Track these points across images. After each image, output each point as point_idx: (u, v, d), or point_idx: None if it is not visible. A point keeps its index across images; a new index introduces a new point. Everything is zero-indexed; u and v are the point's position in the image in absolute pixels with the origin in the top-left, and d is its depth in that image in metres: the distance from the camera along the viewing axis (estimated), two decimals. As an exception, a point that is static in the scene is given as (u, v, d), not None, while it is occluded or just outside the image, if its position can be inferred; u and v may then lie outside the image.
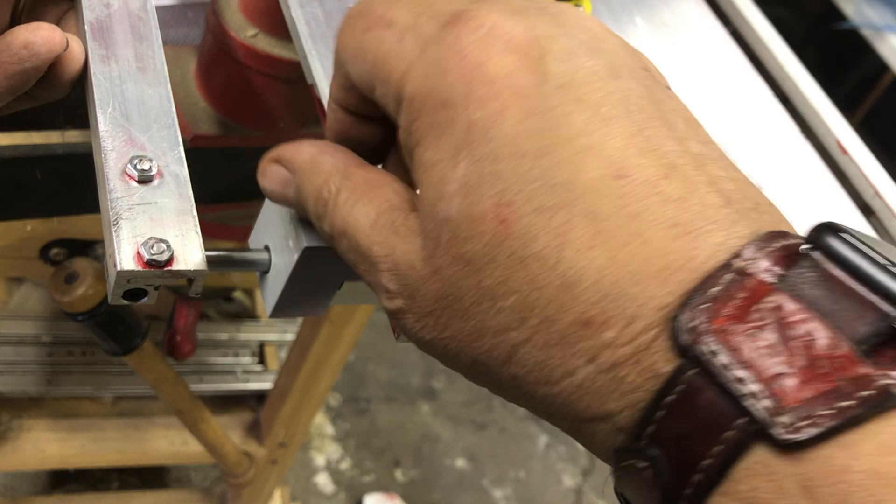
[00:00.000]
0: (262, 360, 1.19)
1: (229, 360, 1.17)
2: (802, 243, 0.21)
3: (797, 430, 0.18)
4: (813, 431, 0.18)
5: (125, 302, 0.29)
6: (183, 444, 1.10)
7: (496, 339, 0.22)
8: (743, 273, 0.20)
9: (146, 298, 0.29)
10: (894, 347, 0.19)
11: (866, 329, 0.19)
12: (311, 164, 0.27)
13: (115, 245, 0.28)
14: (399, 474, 1.60)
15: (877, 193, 0.54)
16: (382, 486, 1.56)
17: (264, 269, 0.34)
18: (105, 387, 1.09)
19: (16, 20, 0.36)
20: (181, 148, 0.32)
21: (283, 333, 1.21)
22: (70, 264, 0.76)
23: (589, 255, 0.21)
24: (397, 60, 0.24)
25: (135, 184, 0.30)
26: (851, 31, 0.95)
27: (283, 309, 0.33)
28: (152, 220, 0.29)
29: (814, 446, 0.18)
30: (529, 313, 0.22)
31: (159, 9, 0.38)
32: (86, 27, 0.35)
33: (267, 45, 0.56)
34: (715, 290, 0.20)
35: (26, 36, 0.32)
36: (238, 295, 1.24)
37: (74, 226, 0.79)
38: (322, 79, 0.39)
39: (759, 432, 0.18)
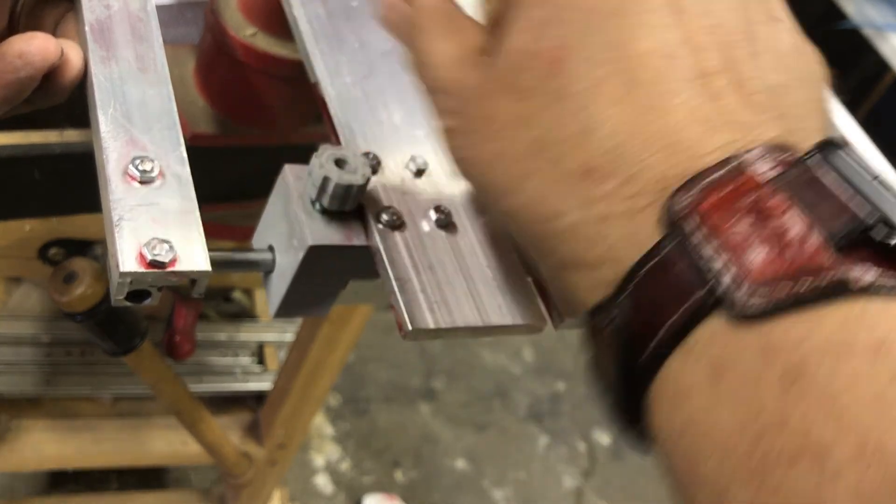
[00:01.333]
0: (261, 361, 1.19)
1: (228, 360, 1.17)
2: (808, 153, 0.23)
3: (753, 303, 0.20)
4: (767, 304, 0.20)
5: (128, 303, 0.29)
6: (182, 444, 1.10)
7: (510, 166, 0.25)
8: (740, 170, 0.22)
9: (149, 300, 0.29)
10: (863, 248, 0.21)
11: (840, 227, 0.21)
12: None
13: (118, 246, 0.28)
14: (399, 475, 1.59)
15: (879, 192, 0.54)
16: (382, 487, 1.56)
17: (268, 269, 0.33)
18: (104, 387, 1.09)
19: (14, 21, 0.36)
20: (183, 148, 0.32)
21: (282, 334, 1.21)
22: (69, 264, 0.75)
23: (611, 111, 0.23)
24: None
25: (137, 184, 0.30)
26: (852, 31, 0.95)
27: (288, 309, 0.33)
28: (154, 221, 0.29)
29: (771, 318, 0.20)
30: (545, 149, 0.24)
31: (158, 8, 0.38)
32: (86, 28, 0.35)
33: (266, 44, 0.56)
34: (711, 178, 0.22)
35: (21, 46, 0.32)
36: (237, 295, 1.24)
37: (73, 226, 0.79)
38: (325, 77, 0.39)
39: (718, 302, 0.21)
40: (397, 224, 0.33)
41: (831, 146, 0.22)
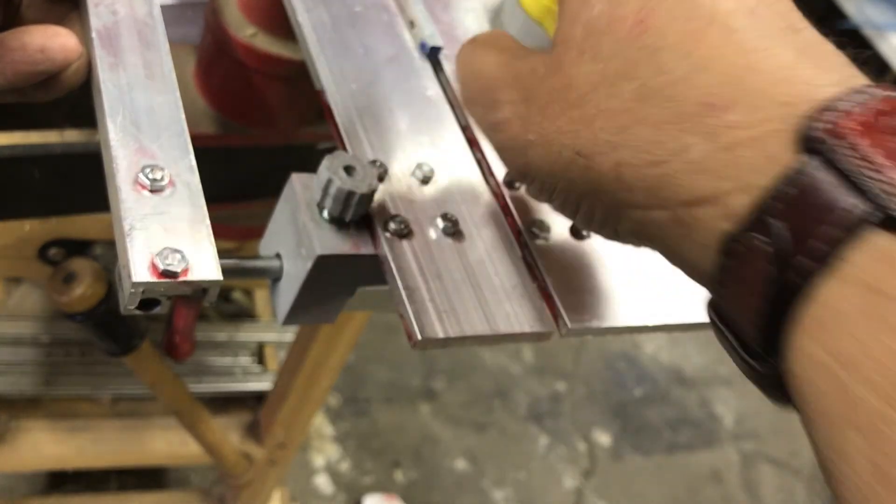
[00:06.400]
0: (261, 361, 1.19)
1: (228, 360, 1.17)
2: None
3: None
4: None
5: (138, 312, 0.29)
6: (181, 444, 1.10)
7: (608, 121, 0.25)
8: (873, 92, 0.22)
9: (159, 308, 0.29)
10: None
11: None
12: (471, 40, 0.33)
13: (130, 256, 0.28)
14: (399, 475, 1.59)
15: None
16: (382, 487, 1.55)
17: (276, 276, 0.33)
18: (103, 387, 1.09)
19: (10, 22, 0.35)
20: (192, 156, 0.32)
21: (282, 334, 1.21)
22: (68, 264, 0.75)
23: (721, 52, 0.24)
24: None
25: (147, 193, 0.30)
26: (853, 31, 0.95)
27: (296, 316, 0.33)
28: (166, 230, 0.29)
29: None
30: (651, 95, 0.24)
31: (159, 9, 0.38)
32: (93, 34, 0.35)
33: (266, 44, 0.56)
34: (846, 102, 0.22)
35: (44, 41, 0.32)
36: (237, 295, 1.23)
37: (73, 226, 0.79)
38: (330, 84, 0.38)
39: (873, 215, 0.20)
40: (405, 232, 0.33)
41: None
